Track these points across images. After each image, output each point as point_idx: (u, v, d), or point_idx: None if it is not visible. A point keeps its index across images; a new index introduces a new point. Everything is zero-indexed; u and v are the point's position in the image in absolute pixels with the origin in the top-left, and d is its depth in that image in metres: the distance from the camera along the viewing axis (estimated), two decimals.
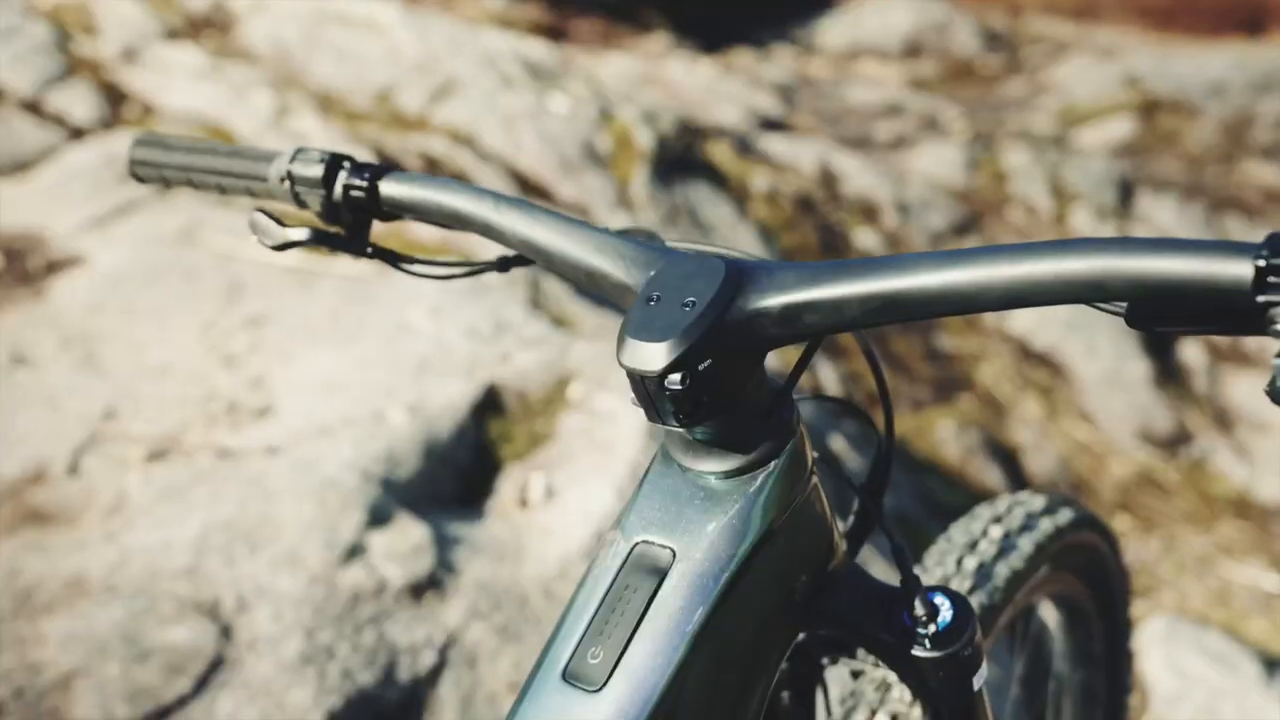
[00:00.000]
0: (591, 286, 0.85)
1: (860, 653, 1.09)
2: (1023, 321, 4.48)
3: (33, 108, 4.08)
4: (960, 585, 1.20)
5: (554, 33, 7.19)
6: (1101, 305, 0.76)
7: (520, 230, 0.88)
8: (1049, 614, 1.56)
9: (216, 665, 1.84)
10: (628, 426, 2.47)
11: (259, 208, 0.98)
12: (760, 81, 7.04)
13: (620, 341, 0.74)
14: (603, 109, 4.25)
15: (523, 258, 1.00)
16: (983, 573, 1.22)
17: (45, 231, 3.43)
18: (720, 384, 0.75)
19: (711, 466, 0.80)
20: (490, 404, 2.58)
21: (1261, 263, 0.59)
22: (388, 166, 0.96)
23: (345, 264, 3.23)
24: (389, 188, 0.94)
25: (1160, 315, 0.69)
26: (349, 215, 0.96)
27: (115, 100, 4.23)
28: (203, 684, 1.81)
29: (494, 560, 2.16)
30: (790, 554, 0.82)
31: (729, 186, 4.34)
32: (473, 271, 1.02)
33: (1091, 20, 11.12)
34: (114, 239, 3.36)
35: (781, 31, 9.55)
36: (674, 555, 0.77)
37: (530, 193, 3.88)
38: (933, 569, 1.25)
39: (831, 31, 9.45)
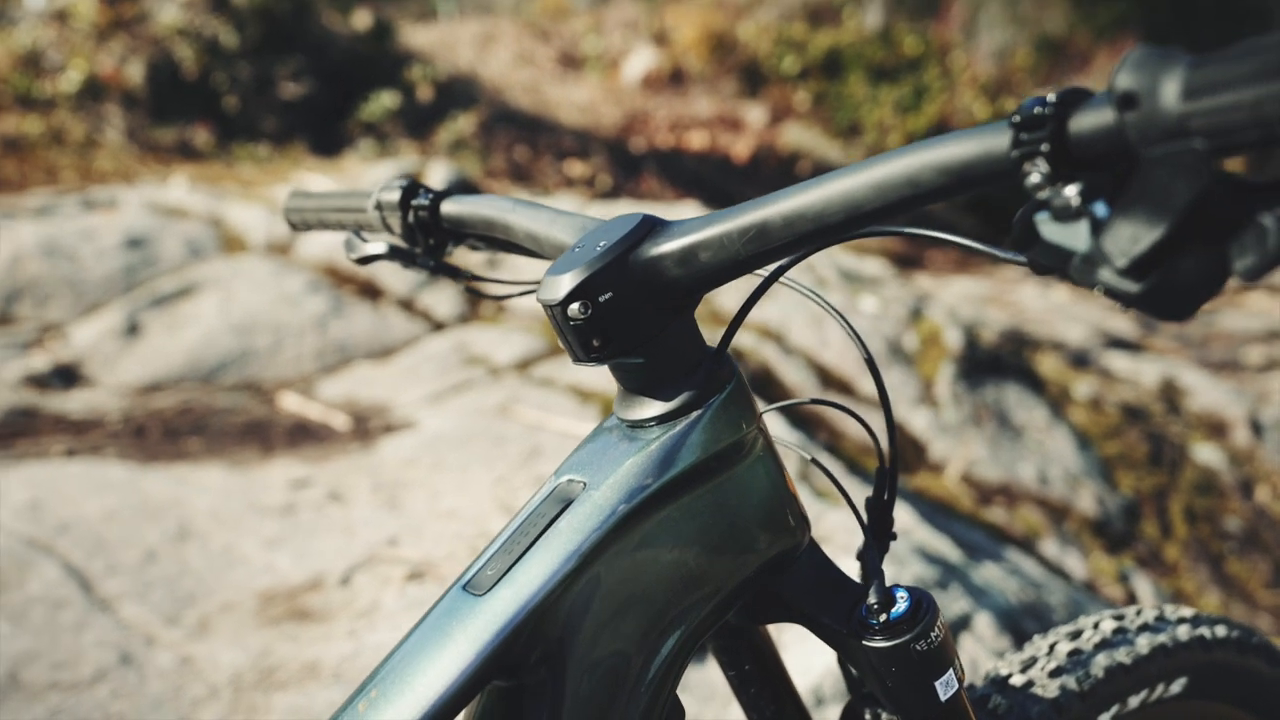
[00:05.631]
0: None
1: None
2: None
3: (406, 305, 4.67)
4: (1045, 665, 1.10)
5: (908, 261, 7.33)
6: (1010, 257, 0.75)
7: (524, 224, 0.97)
8: None
9: None
10: None
11: (354, 230, 1.14)
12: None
13: (540, 284, 0.81)
14: (913, 309, 4.27)
15: None
16: (1076, 658, 1.11)
17: (392, 402, 3.88)
18: (629, 321, 0.79)
19: (639, 414, 0.83)
20: None
21: (1017, 119, 0.60)
22: (451, 191, 1.09)
23: None
24: (447, 206, 1.07)
25: (1029, 241, 0.69)
26: (423, 235, 1.10)
27: (474, 299, 4.76)
28: None
29: (698, 701, 2.15)
30: (721, 510, 0.82)
31: (1046, 391, 4.18)
32: (528, 290, 1.12)
33: None
34: (444, 410, 3.74)
35: None
36: (584, 486, 0.81)
37: (832, 387, 3.93)
38: (1024, 649, 1.15)
39: None
